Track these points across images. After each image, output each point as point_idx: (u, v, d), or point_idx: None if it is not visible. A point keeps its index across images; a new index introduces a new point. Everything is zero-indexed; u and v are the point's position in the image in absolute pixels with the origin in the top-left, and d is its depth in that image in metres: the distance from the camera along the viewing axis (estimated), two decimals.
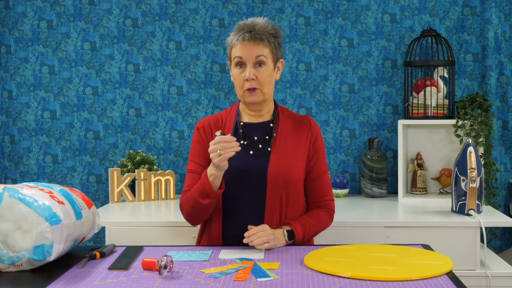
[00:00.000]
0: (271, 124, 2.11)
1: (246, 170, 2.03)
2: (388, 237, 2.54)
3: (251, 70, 1.99)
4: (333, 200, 2.16)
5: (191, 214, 2.03)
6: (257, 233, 1.89)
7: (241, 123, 2.12)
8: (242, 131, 2.10)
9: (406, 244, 1.96)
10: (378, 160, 3.10)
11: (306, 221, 2.04)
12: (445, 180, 3.12)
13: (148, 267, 1.68)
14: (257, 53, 1.99)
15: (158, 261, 1.64)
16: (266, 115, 2.12)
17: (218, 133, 1.94)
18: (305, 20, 3.24)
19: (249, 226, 1.92)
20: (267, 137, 2.09)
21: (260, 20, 2.03)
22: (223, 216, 2.06)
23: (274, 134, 2.08)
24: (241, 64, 2.01)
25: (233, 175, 2.03)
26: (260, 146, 2.07)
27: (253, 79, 1.99)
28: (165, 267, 1.62)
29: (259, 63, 2.00)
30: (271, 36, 2.02)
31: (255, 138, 2.09)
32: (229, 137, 1.85)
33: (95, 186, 3.31)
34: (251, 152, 2.06)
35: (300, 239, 1.99)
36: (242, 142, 2.08)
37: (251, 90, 2.01)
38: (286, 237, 1.95)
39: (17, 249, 1.65)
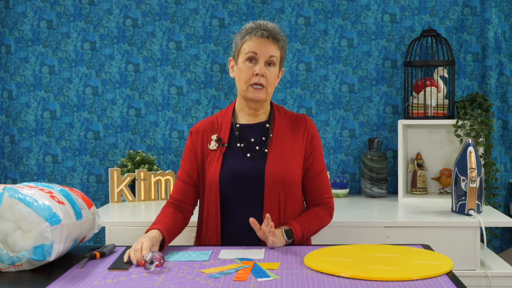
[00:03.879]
0: (267, 125, 2.11)
1: (243, 173, 2.03)
2: (388, 237, 2.54)
3: (263, 67, 2.02)
4: (332, 197, 2.16)
5: None
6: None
7: (237, 125, 2.11)
8: (238, 133, 2.10)
9: (406, 244, 1.96)
10: (378, 160, 3.10)
11: (305, 219, 2.04)
12: (445, 180, 3.12)
13: (143, 264, 1.69)
14: (271, 53, 2.03)
15: (143, 256, 1.64)
16: (262, 115, 2.12)
17: (214, 137, 1.93)
18: (305, 20, 3.24)
19: (251, 219, 1.90)
20: (263, 138, 2.09)
21: (274, 24, 2.08)
22: (222, 217, 2.06)
23: (271, 135, 2.08)
24: (252, 59, 2.02)
25: (231, 178, 2.03)
26: (257, 148, 2.07)
27: (263, 75, 2.01)
28: (151, 262, 1.62)
29: (269, 63, 2.04)
30: (284, 42, 2.08)
31: (252, 140, 2.09)
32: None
33: (95, 186, 3.31)
34: (248, 155, 2.06)
35: (299, 238, 1.99)
36: (238, 144, 2.08)
37: (258, 85, 2.02)
38: (285, 237, 1.95)
39: (17, 249, 1.65)
